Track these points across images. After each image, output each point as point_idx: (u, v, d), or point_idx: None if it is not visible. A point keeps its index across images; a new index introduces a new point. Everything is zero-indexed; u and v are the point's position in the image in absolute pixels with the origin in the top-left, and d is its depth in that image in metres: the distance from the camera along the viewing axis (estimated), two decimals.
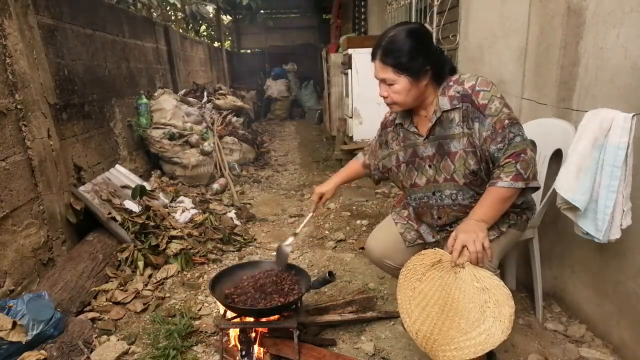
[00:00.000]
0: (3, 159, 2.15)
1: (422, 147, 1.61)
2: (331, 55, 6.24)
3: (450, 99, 1.50)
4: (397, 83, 1.49)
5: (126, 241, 2.69)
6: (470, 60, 2.87)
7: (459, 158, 1.51)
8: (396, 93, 1.51)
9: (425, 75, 1.49)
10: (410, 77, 1.47)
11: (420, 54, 1.45)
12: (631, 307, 1.68)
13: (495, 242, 1.52)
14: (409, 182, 1.69)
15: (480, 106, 1.45)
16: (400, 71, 1.46)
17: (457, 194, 1.57)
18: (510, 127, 1.43)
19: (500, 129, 1.42)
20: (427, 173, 1.62)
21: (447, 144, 1.54)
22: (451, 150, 1.53)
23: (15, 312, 1.79)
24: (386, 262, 1.83)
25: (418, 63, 1.45)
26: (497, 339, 1.27)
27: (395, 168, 1.73)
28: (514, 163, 1.40)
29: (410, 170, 1.67)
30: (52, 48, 2.78)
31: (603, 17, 1.68)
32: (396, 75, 1.47)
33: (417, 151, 1.63)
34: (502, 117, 1.43)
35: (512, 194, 1.42)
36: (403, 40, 1.45)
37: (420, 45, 1.46)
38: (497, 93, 1.46)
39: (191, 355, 1.90)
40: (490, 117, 1.44)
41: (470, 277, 1.37)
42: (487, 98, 1.45)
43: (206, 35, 11.46)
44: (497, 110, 1.44)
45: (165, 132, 4.15)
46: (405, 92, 1.50)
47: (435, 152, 1.57)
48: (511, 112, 1.46)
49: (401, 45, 1.44)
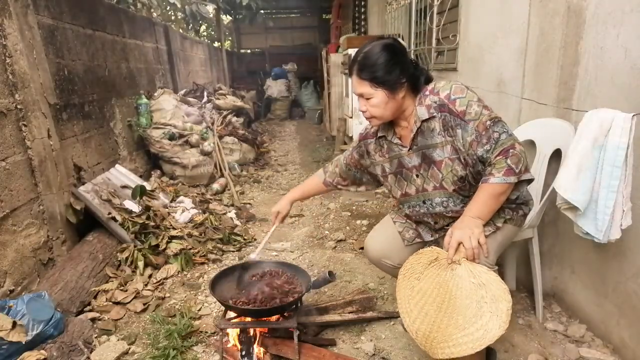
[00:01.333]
0: (3, 159, 2.16)
1: (407, 157, 1.64)
2: (331, 55, 6.25)
3: (428, 108, 1.53)
4: (375, 97, 1.52)
5: (126, 241, 2.69)
6: (470, 60, 2.87)
7: (445, 166, 1.54)
8: (374, 107, 1.54)
9: (401, 88, 1.52)
10: (387, 90, 1.50)
11: (395, 67, 1.48)
12: (631, 307, 1.68)
13: (492, 237, 1.53)
14: (399, 192, 1.73)
15: (459, 113, 1.47)
16: (377, 85, 1.50)
17: (448, 201, 1.60)
18: (493, 126, 1.44)
19: (484, 130, 1.45)
20: (416, 182, 1.65)
21: (430, 153, 1.56)
22: (436, 159, 1.55)
23: (15, 312, 1.79)
24: (385, 262, 1.83)
25: (394, 76, 1.49)
26: (494, 334, 1.28)
27: (382, 178, 1.77)
28: (504, 159, 1.42)
29: (399, 181, 1.70)
30: (52, 48, 2.79)
31: (603, 17, 1.68)
32: (373, 89, 1.51)
33: (402, 162, 1.66)
34: (484, 119, 1.45)
35: (506, 189, 1.44)
36: (377, 55, 1.48)
37: (395, 59, 1.49)
38: (473, 97, 1.48)
39: (191, 355, 1.90)
40: (472, 121, 1.46)
41: (466, 273, 1.38)
42: (464, 104, 1.47)
43: (206, 35, 11.47)
44: (477, 114, 1.46)
45: (165, 132, 4.15)
46: (382, 105, 1.52)
47: (421, 161, 1.60)
48: (491, 111, 1.48)
49: (376, 59, 1.48)
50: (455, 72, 3.10)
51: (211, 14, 9.36)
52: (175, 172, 4.20)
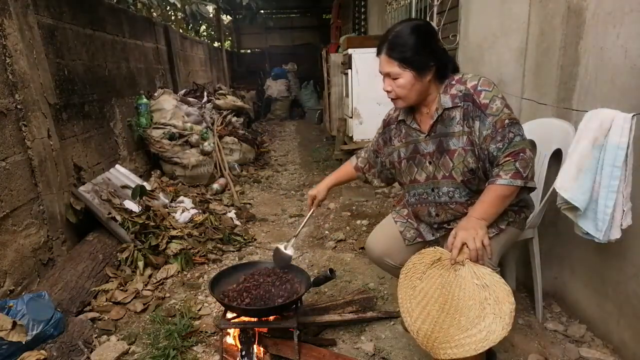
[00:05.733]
0: (3, 159, 2.15)
1: (423, 143, 1.63)
2: (331, 55, 6.24)
3: (452, 97, 1.52)
4: (402, 77, 1.50)
5: (126, 241, 2.69)
6: (470, 60, 2.87)
7: (458, 156, 1.53)
8: (400, 87, 1.53)
9: (429, 71, 1.51)
10: (415, 71, 1.49)
11: (425, 50, 1.48)
12: (631, 307, 1.68)
13: (495, 239, 1.53)
14: (408, 177, 1.71)
15: (482, 105, 1.47)
16: (405, 65, 1.48)
17: (455, 192, 1.59)
18: (511, 126, 1.45)
19: (501, 128, 1.45)
20: (427, 169, 1.64)
21: (446, 142, 1.56)
22: (450, 147, 1.55)
23: (15, 312, 1.79)
24: (386, 261, 1.83)
25: (423, 58, 1.48)
26: (497, 336, 1.27)
27: (397, 164, 1.75)
28: (513, 161, 1.42)
29: (410, 167, 1.69)
30: (52, 48, 2.78)
31: (603, 17, 1.68)
32: (401, 69, 1.49)
33: (418, 148, 1.65)
34: (503, 117, 1.45)
35: (511, 192, 1.44)
36: (408, 36, 1.47)
37: (425, 41, 1.49)
38: (498, 93, 1.48)
39: (191, 355, 1.90)
40: (492, 116, 1.46)
41: (470, 274, 1.37)
42: (488, 98, 1.47)
43: (206, 35, 11.46)
44: (498, 110, 1.46)
45: (165, 132, 4.15)
46: (409, 87, 1.51)
47: (435, 149, 1.59)
48: (512, 112, 1.48)
49: (407, 40, 1.47)
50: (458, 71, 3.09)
51: (211, 14, 9.36)
52: (175, 172, 4.20)
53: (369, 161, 1.92)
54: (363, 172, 1.94)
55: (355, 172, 1.96)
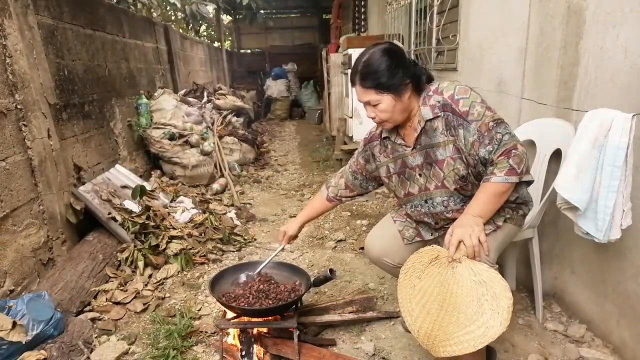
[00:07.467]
0: (3, 159, 2.15)
1: (410, 157, 1.64)
2: (331, 55, 6.24)
3: (432, 108, 1.53)
4: (382, 102, 1.51)
5: (126, 241, 2.69)
6: (470, 60, 2.87)
7: (447, 165, 1.54)
8: (383, 112, 1.53)
9: (406, 89, 1.52)
10: (393, 94, 1.50)
11: (397, 70, 1.48)
12: (631, 307, 1.68)
13: (492, 236, 1.54)
14: (402, 192, 1.72)
15: (462, 114, 1.48)
16: (382, 90, 1.49)
17: (449, 200, 1.61)
18: (496, 127, 1.46)
19: (486, 131, 1.46)
20: (418, 182, 1.65)
21: (433, 152, 1.57)
22: (438, 158, 1.56)
23: (15, 312, 1.79)
24: (385, 261, 1.83)
25: (397, 79, 1.48)
26: (495, 332, 1.28)
27: (386, 179, 1.76)
28: (506, 159, 1.43)
29: (402, 181, 1.70)
30: (52, 48, 2.78)
31: (603, 17, 1.68)
32: (379, 95, 1.50)
33: (406, 162, 1.66)
34: (486, 120, 1.46)
35: (507, 188, 1.45)
36: (378, 61, 1.48)
37: (395, 62, 1.49)
38: (476, 98, 1.49)
39: (191, 355, 1.90)
40: (475, 122, 1.47)
41: (467, 271, 1.38)
42: (467, 105, 1.48)
43: (206, 35, 11.47)
44: (480, 115, 1.47)
45: (165, 132, 4.15)
46: (391, 109, 1.52)
47: (423, 160, 1.61)
48: (494, 113, 1.49)
49: (377, 66, 1.48)
50: (455, 72, 3.09)
51: (211, 14, 9.35)
52: (175, 172, 4.20)
53: (347, 186, 1.92)
54: (338, 199, 1.95)
55: (328, 203, 1.97)
